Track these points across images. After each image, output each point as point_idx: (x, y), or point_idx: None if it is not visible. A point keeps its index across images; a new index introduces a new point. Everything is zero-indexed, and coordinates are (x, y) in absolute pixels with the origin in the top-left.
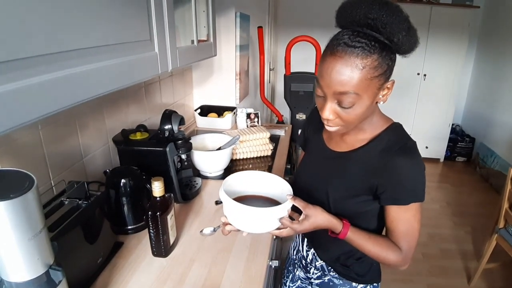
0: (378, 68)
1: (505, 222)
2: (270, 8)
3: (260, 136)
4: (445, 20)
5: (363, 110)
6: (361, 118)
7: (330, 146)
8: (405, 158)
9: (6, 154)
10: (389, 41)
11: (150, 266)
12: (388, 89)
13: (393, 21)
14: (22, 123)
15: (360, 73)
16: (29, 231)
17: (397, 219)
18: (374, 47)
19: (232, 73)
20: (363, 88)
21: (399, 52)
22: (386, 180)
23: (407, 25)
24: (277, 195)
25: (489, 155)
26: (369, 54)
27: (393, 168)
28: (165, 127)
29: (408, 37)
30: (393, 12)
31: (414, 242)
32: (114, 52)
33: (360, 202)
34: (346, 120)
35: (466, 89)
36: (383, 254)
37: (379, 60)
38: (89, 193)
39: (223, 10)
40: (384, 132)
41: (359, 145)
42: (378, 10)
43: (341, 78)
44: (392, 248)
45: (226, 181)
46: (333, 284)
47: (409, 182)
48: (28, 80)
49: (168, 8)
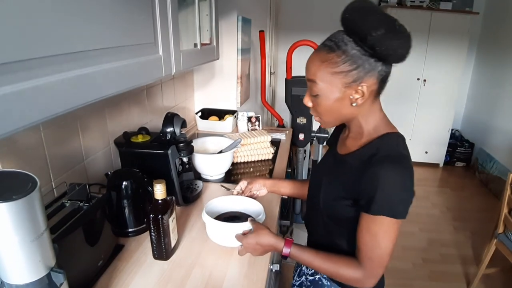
0: (339, 65)
1: (504, 227)
2: (271, 12)
3: (261, 139)
4: (445, 26)
5: (330, 103)
6: (333, 113)
7: (338, 149)
8: (383, 167)
9: (8, 156)
10: (361, 40)
11: (151, 269)
12: (361, 92)
13: (365, 19)
14: (25, 125)
15: (321, 64)
16: (31, 233)
17: (364, 228)
18: (341, 45)
19: (233, 77)
20: (325, 81)
21: (379, 55)
22: (363, 187)
23: (385, 26)
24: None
25: (488, 161)
26: (332, 51)
27: (370, 175)
28: (167, 130)
29: (384, 38)
30: (367, 12)
31: (382, 261)
32: (118, 55)
33: (347, 206)
34: (317, 110)
35: (465, 94)
36: (337, 271)
37: (342, 57)
38: (91, 195)
39: (225, 14)
40: (377, 139)
41: (354, 149)
42: (351, 10)
43: (309, 66)
44: (348, 264)
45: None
46: (321, 284)
47: (382, 193)
48: (32, 81)
49: (172, 11)
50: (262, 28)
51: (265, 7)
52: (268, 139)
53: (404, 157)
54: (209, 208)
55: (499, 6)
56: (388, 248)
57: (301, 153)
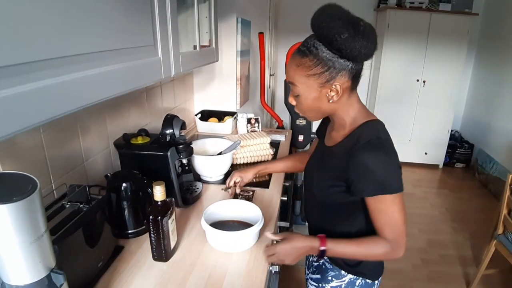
0: (312, 68)
1: (504, 228)
2: (271, 14)
3: (261, 141)
4: (445, 27)
5: (309, 102)
6: (314, 110)
7: (325, 141)
8: (365, 152)
9: (8, 157)
10: (329, 44)
11: (151, 271)
12: (336, 90)
13: (329, 25)
14: (26, 127)
15: (296, 69)
16: (32, 234)
17: (374, 211)
18: (312, 49)
19: (232, 78)
20: (302, 83)
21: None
22: (352, 173)
23: (348, 30)
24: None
25: (488, 161)
26: (305, 55)
27: (355, 162)
28: (167, 132)
29: (350, 40)
30: (331, 17)
31: (400, 230)
32: (118, 57)
33: (338, 193)
34: (300, 108)
35: (465, 95)
36: (370, 251)
37: (314, 61)
38: (90, 197)
39: (225, 16)
40: (358, 128)
41: (339, 140)
42: (317, 16)
43: (287, 71)
44: (376, 241)
45: (208, 209)
46: (325, 268)
47: (370, 176)
48: (32, 84)
49: (171, 14)
50: (261, 30)
51: (264, 9)
52: (268, 141)
53: (383, 140)
54: (208, 214)
55: (498, 7)
56: (400, 218)
57: None
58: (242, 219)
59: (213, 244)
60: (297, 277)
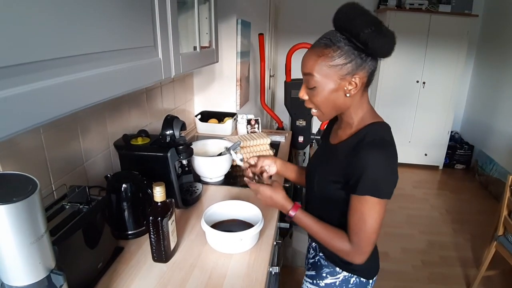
0: (335, 58)
1: (504, 229)
2: (271, 15)
3: (261, 142)
4: (444, 28)
5: (326, 94)
6: (329, 103)
7: (330, 140)
8: (369, 150)
9: (8, 158)
10: (354, 37)
11: (151, 272)
12: (354, 83)
13: (356, 19)
14: (26, 128)
15: (319, 59)
16: (32, 235)
17: (352, 208)
18: (336, 41)
19: (232, 80)
20: (322, 73)
21: (369, 50)
22: (351, 170)
23: (373, 25)
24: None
25: (488, 163)
26: (329, 46)
27: (357, 158)
28: (167, 132)
29: (374, 35)
30: (358, 13)
31: (368, 238)
32: (119, 58)
33: (338, 189)
34: (314, 102)
35: (465, 96)
36: (329, 239)
37: (337, 52)
38: (90, 197)
39: (225, 17)
40: (364, 128)
41: (344, 138)
42: (343, 11)
43: (305, 61)
44: (340, 236)
45: (208, 210)
46: (320, 264)
47: (368, 174)
48: (33, 84)
49: (172, 15)
50: (261, 31)
51: (264, 10)
52: (268, 142)
53: (388, 142)
54: (208, 215)
55: (498, 8)
56: (373, 226)
57: (301, 156)
58: (242, 220)
59: (213, 245)
60: (296, 278)
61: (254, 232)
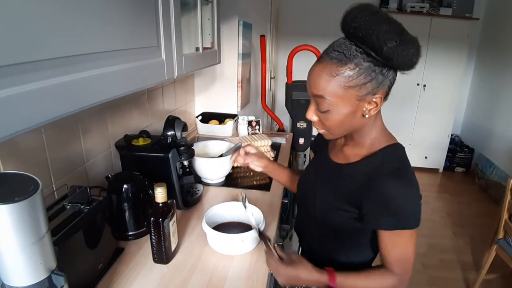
0: (354, 78)
1: (505, 233)
2: (272, 17)
3: (262, 143)
4: (445, 31)
5: (341, 118)
6: (344, 126)
7: (331, 156)
8: (393, 182)
9: (9, 158)
10: (375, 52)
11: (151, 273)
12: (375, 103)
13: (379, 30)
14: (27, 128)
15: (333, 80)
16: (33, 235)
17: (389, 244)
18: (353, 56)
19: (234, 81)
20: (337, 96)
21: (391, 65)
22: (370, 201)
23: (398, 36)
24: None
25: (488, 166)
26: (344, 63)
27: (378, 190)
28: (168, 133)
29: (400, 48)
30: (380, 21)
31: (409, 266)
32: (122, 58)
33: (346, 218)
34: (326, 125)
35: (465, 100)
36: (379, 285)
37: (355, 70)
38: (91, 198)
39: (227, 19)
40: (380, 151)
41: (354, 160)
42: (362, 18)
43: (316, 81)
44: (384, 275)
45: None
46: None
47: (395, 208)
48: (35, 84)
49: (175, 15)
50: (262, 33)
51: (266, 12)
52: (269, 143)
53: (409, 169)
54: (209, 216)
55: (498, 12)
56: (412, 253)
57: (301, 158)
58: (243, 221)
59: (214, 246)
60: None
61: (256, 233)
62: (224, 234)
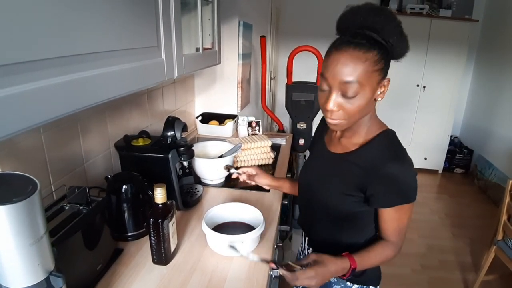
0: (378, 63)
1: (504, 234)
2: (272, 17)
3: (262, 144)
4: (445, 33)
5: (365, 102)
6: (362, 111)
7: (329, 148)
8: (396, 167)
9: (7, 158)
10: (386, 42)
11: (150, 274)
12: (385, 86)
13: (388, 25)
14: (26, 127)
15: (363, 64)
16: (31, 236)
17: (390, 219)
18: (374, 44)
19: (234, 81)
20: (365, 79)
21: (393, 54)
22: (378, 185)
23: (399, 30)
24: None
25: (487, 167)
26: (370, 50)
27: (386, 176)
28: (168, 134)
29: (401, 40)
30: (388, 17)
31: (404, 234)
32: (122, 57)
33: (352, 202)
34: (348, 111)
35: (464, 101)
36: (384, 256)
37: (378, 56)
38: (90, 198)
39: (227, 19)
40: (376, 137)
41: (353, 148)
42: (374, 16)
43: (346, 69)
44: (386, 245)
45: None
46: (329, 283)
47: (401, 188)
48: (34, 83)
49: (175, 15)
50: (263, 33)
51: (266, 13)
52: (269, 144)
53: (405, 150)
54: (209, 217)
55: (498, 13)
56: (407, 223)
57: (301, 159)
58: (243, 222)
59: (213, 247)
60: None
61: (255, 234)
62: (224, 235)
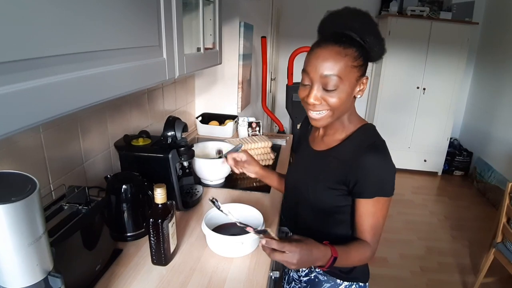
0: (357, 59)
1: (503, 236)
2: (273, 18)
3: (262, 145)
4: (445, 35)
5: (345, 95)
6: (343, 105)
7: (313, 146)
8: (373, 155)
9: (6, 157)
10: (363, 41)
11: (149, 275)
12: (364, 84)
13: (365, 25)
14: (26, 126)
15: (343, 59)
16: (30, 236)
17: (364, 212)
18: (353, 42)
19: (234, 82)
20: (345, 74)
21: (371, 54)
22: (356, 175)
23: (376, 31)
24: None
25: (486, 170)
26: (350, 46)
27: (362, 164)
28: (168, 134)
29: (377, 41)
30: (365, 19)
31: (379, 235)
32: (123, 56)
33: (337, 196)
34: (330, 104)
35: (464, 103)
36: (362, 255)
37: (357, 53)
38: (89, 198)
39: (228, 19)
40: (356, 131)
41: (335, 144)
42: (353, 18)
43: (327, 63)
44: (363, 245)
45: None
46: (318, 280)
47: (375, 177)
48: (34, 82)
49: (177, 15)
50: (263, 34)
51: (267, 14)
52: (269, 145)
53: (384, 144)
54: (209, 218)
55: (498, 16)
56: (382, 223)
57: None
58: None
59: (213, 248)
60: None
61: (255, 236)
62: (223, 236)
